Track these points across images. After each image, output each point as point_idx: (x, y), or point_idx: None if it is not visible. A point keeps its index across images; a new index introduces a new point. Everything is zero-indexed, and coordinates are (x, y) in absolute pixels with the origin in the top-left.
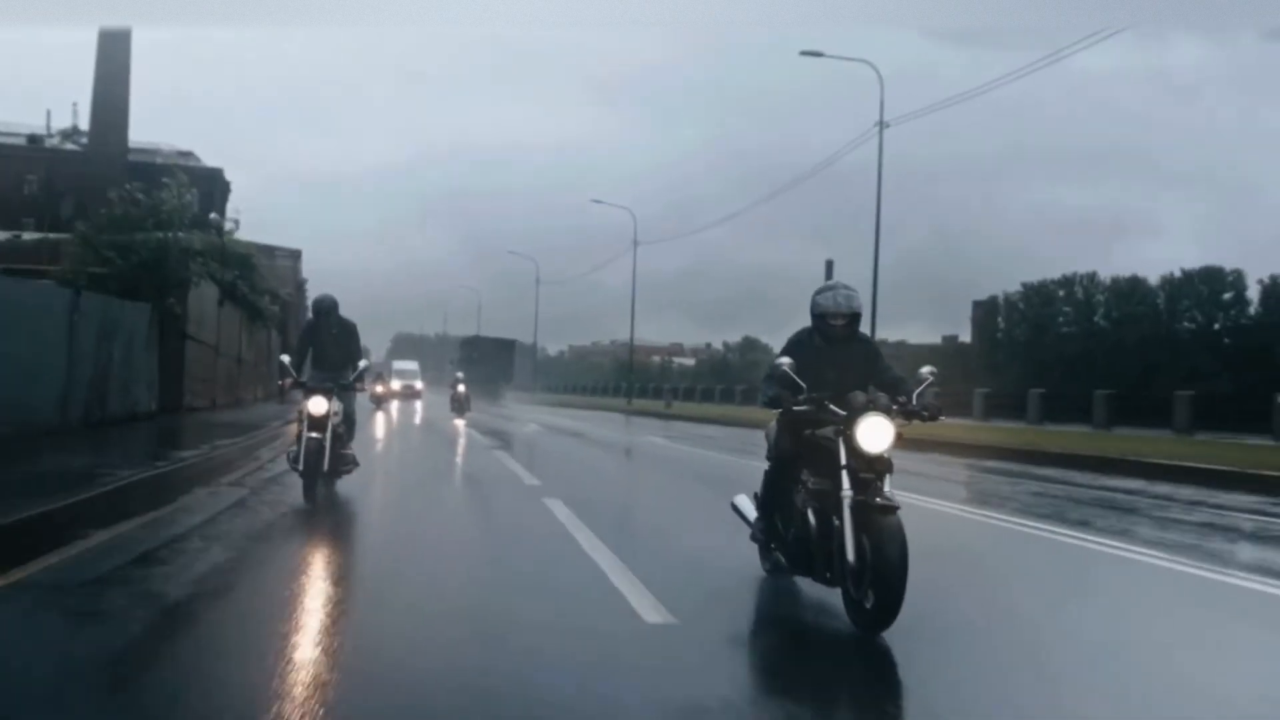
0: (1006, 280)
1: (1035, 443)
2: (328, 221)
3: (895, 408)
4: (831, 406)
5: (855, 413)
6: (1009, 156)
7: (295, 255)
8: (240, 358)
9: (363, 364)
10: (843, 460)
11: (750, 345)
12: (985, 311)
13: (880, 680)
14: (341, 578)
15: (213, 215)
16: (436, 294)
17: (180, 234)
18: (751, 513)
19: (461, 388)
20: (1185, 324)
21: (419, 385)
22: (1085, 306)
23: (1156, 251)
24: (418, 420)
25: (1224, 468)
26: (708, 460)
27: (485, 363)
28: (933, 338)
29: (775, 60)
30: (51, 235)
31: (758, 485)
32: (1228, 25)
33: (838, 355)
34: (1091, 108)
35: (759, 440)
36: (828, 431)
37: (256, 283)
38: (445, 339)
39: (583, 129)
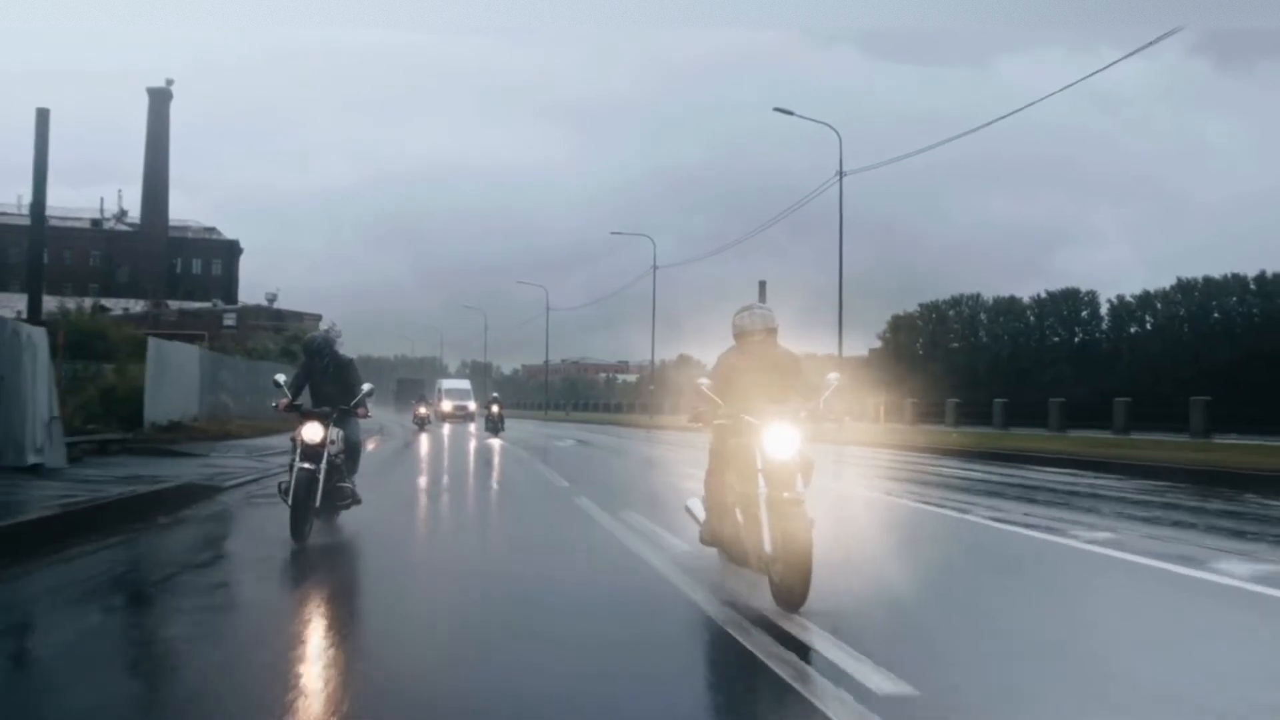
0: (942, 291)
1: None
2: (278, 242)
3: (804, 414)
4: (747, 418)
5: (764, 422)
6: (949, 172)
7: (316, 319)
8: None
9: (365, 387)
10: (758, 464)
11: (685, 361)
12: (892, 328)
13: None
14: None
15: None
16: (391, 315)
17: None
18: (701, 514)
19: (496, 408)
20: (1052, 339)
21: (473, 406)
22: (970, 324)
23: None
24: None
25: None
26: (547, 429)
27: (411, 394)
28: (861, 350)
29: (719, 87)
30: (188, 306)
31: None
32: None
33: (759, 368)
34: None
35: (577, 425)
36: (746, 440)
37: None
38: (406, 361)
39: (548, 153)
